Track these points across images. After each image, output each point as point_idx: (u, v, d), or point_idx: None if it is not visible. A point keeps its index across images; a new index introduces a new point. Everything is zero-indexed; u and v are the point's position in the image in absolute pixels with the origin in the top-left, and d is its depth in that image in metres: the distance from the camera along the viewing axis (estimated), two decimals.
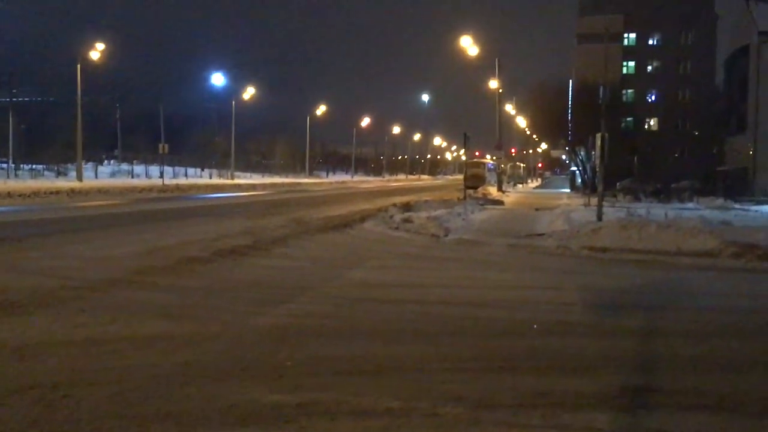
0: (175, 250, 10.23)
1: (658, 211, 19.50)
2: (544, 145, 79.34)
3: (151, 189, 34.46)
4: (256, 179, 59.50)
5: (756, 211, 23.66)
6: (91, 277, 7.80)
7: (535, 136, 74.81)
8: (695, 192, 32.66)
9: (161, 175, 44.74)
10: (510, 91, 61.26)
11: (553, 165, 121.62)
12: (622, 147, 38.92)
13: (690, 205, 27.31)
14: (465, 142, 31.23)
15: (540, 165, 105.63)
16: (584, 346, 5.39)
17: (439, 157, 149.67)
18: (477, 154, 69.48)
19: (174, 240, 11.67)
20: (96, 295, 6.89)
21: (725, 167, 44.40)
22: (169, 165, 51.06)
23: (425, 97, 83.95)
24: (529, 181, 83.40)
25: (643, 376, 4.75)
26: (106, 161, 57.52)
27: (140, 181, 42.58)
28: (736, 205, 26.89)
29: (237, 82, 61.85)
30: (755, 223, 16.84)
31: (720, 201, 28.37)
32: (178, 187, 37.50)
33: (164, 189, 35.41)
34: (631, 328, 6.08)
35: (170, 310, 6.31)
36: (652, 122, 55.87)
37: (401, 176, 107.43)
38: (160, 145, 43.55)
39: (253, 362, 4.75)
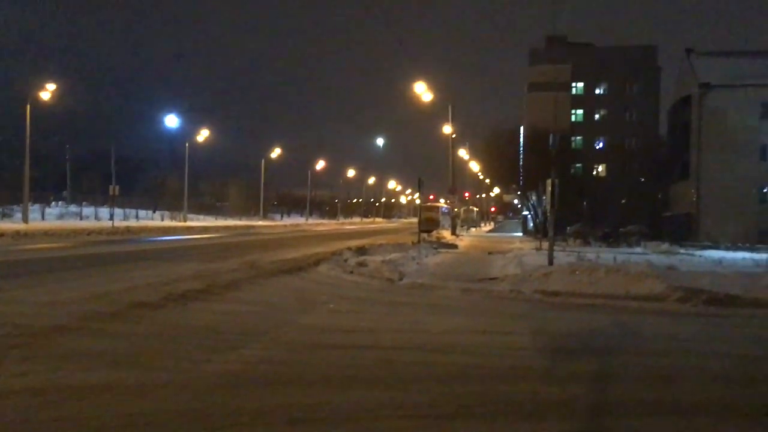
0: (123, 295, 9.99)
1: (607, 255, 19.95)
2: (496, 190, 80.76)
3: (100, 231, 33.70)
4: (209, 221, 58.75)
5: (700, 255, 24.36)
6: (34, 324, 7.54)
7: (488, 181, 76.15)
8: (642, 237, 33.52)
9: (111, 217, 43.72)
10: (463, 136, 62.31)
11: (506, 209, 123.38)
12: (572, 192, 39.84)
13: (638, 249, 28.00)
14: (419, 186, 31.55)
15: (493, 209, 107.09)
16: (537, 392, 5.42)
17: (393, 200, 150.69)
18: (431, 197, 70.09)
19: (123, 284, 11.39)
20: (39, 343, 6.65)
21: (670, 213, 45.75)
22: (119, 207, 49.97)
23: (380, 141, 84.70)
24: (483, 224, 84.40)
25: (595, 422, 4.80)
26: (54, 203, 56.02)
27: (89, 223, 41.60)
28: (682, 250, 27.67)
29: (191, 124, 61.61)
30: (700, 267, 17.31)
31: (666, 246, 29.15)
32: (128, 230, 36.75)
33: (114, 231, 34.67)
34: (583, 373, 6.15)
35: (117, 358, 6.13)
36: (600, 168, 57.44)
37: (356, 219, 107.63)
38: (111, 187, 42.76)
39: (203, 412, 4.64)
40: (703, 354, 7.32)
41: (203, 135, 60.78)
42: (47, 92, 39.80)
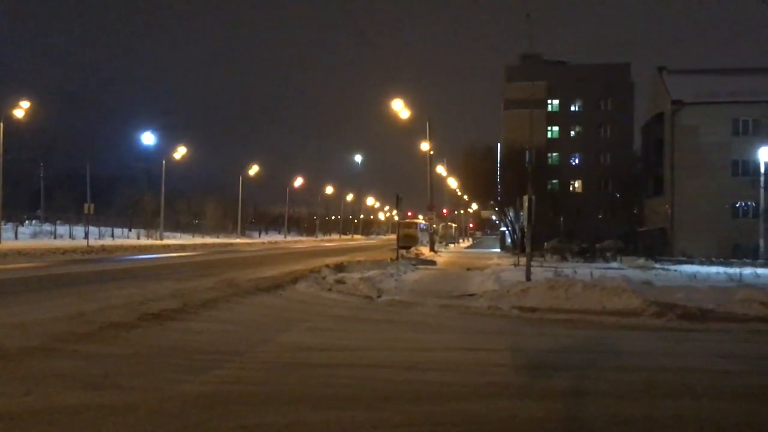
0: (98, 315, 9.85)
1: (584, 270, 20.11)
2: (474, 206, 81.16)
3: (74, 250, 33.24)
4: (185, 240, 58.23)
5: (675, 270, 24.63)
6: (5, 345, 7.40)
7: (465, 197, 76.53)
8: (618, 252, 33.85)
9: (86, 236, 43.15)
10: (441, 153, 62.80)
11: (484, 225, 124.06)
12: (548, 208, 40.23)
13: (614, 264, 28.27)
14: (397, 203, 31.65)
15: (471, 225, 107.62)
16: (515, 408, 5.43)
17: (372, 217, 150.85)
18: (409, 214, 70.33)
19: (97, 304, 11.24)
20: (11, 365, 6.54)
21: (645, 228, 46.24)
22: (94, 225, 49.40)
23: (358, 158, 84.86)
24: (461, 241, 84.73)
25: None
26: (27, 222, 55.18)
27: (63, 242, 41.01)
28: (657, 265, 27.95)
29: (167, 142, 61.15)
30: (674, 282, 17.51)
31: (641, 260, 29.45)
32: (103, 248, 36.30)
33: (89, 250, 34.22)
34: (560, 389, 6.18)
35: (91, 380, 6.04)
36: (576, 184, 58.04)
37: (334, 236, 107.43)
38: (86, 205, 42.24)
39: None
40: (677, 369, 7.39)
41: (180, 152, 60.42)
42: (21, 110, 39.37)
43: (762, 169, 36.84)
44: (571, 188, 57.63)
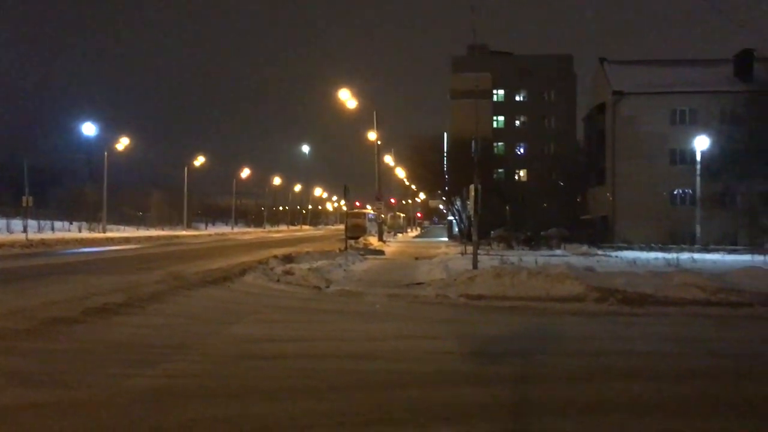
0: (38, 311, 9.58)
1: (529, 258, 20.51)
2: (422, 196, 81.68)
3: (12, 244, 32.10)
4: (130, 232, 56.87)
5: (616, 256, 25.34)
6: None
7: (414, 187, 76.91)
8: (562, 239, 34.60)
9: (24, 230, 41.76)
10: (389, 143, 62.83)
11: (432, 214, 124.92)
12: (494, 197, 40.77)
13: (558, 252, 28.90)
14: (345, 194, 31.57)
15: (419, 215, 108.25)
16: (463, 395, 5.54)
17: (320, 207, 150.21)
18: (357, 204, 70.31)
19: (38, 300, 10.91)
20: None
21: (588, 216, 47.37)
22: (33, 219, 47.80)
23: (305, 149, 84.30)
24: (409, 230, 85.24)
25: (519, 422, 4.93)
26: None
27: (0, 236, 39.66)
28: (599, 251, 28.70)
29: (110, 133, 59.55)
30: (615, 268, 18.00)
31: (584, 248, 30.18)
32: (43, 242, 35.19)
33: (28, 244, 33.11)
34: (507, 375, 6.31)
35: (32, 377, 5.89)
36: (521, 173, 59.03)
37: (282, 227, 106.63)
38: (24, 198, 40.86)
39: (124, 429, 4.53)
40: (619, 353, 7.64)
41: (122, 143, 58.97)
42: None
43: (698, 158, 38.14)
44: (516, 177, 58.60)
